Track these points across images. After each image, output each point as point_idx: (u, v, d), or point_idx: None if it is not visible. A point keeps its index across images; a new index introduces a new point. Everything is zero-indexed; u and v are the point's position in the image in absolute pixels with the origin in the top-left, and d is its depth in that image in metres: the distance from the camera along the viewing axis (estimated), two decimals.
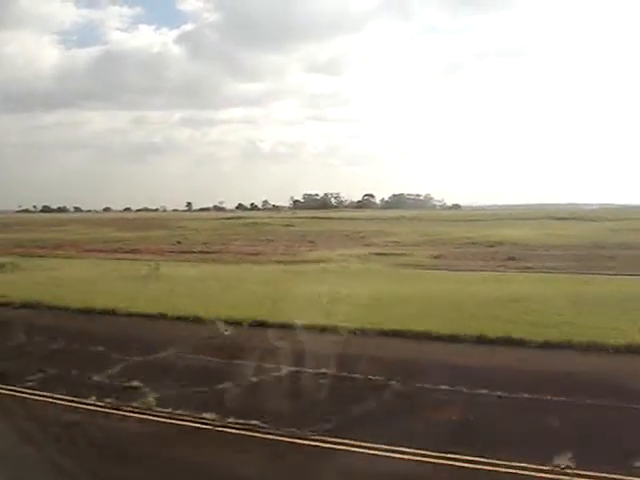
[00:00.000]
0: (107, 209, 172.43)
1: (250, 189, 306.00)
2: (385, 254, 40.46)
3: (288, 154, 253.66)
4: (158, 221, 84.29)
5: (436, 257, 39.33)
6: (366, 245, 47.42)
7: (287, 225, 68.37)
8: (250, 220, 75.71)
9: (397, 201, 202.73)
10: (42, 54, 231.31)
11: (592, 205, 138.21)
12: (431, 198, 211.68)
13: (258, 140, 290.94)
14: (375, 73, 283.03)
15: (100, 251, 47.70)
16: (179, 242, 50.83)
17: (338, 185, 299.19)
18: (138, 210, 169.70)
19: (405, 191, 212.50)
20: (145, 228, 69.84)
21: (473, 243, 46.14)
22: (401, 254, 39.93)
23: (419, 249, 43.09)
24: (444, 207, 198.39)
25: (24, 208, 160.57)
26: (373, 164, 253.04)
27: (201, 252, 45.01)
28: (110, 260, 39.16)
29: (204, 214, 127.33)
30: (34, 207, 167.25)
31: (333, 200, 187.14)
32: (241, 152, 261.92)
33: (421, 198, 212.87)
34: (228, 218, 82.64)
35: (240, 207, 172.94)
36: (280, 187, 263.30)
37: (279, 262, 36.48)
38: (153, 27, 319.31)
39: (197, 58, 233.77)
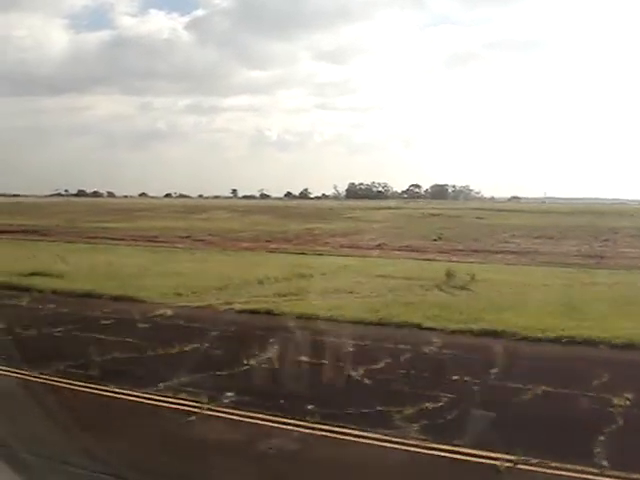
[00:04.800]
0: (143, 194, 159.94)
1: (260, 177, 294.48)
2: None
3: (295, 142, 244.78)
4: (300, 210, 72.87)
5: None
6: None
7: (479, 218, 58.00)
8: (424, 211, 64.98)
9: (439, 192, 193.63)
10: (52, 38, 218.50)
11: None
12: (471, 190, 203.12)
13: (265, 128, 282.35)
14: (383, 62, 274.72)
15: (348, 247, 36.92)
16: (440, 238, 40.25)
17: (349, 175, 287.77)
18: (179, 197, 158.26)
19: (416, 181, 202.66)
20: (306, 219, 58.76)
21: None
22: None
23: None
24: (482, 198, 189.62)
25: (58, 192, 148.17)
26: (379, 153, 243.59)
27: (510, 252, 34.51)
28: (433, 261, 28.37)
29: (295, 202, 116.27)
30: (66, 191, 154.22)
31: (382, 190, 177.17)
32: (248, 140, 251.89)
33: (459, 189, 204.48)
34: (382, 208, 71.66)
35: (289, 195, 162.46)
36: (288, 176, 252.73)
37: None
38: (163, 12, 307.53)
39: (206, 44, 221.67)
